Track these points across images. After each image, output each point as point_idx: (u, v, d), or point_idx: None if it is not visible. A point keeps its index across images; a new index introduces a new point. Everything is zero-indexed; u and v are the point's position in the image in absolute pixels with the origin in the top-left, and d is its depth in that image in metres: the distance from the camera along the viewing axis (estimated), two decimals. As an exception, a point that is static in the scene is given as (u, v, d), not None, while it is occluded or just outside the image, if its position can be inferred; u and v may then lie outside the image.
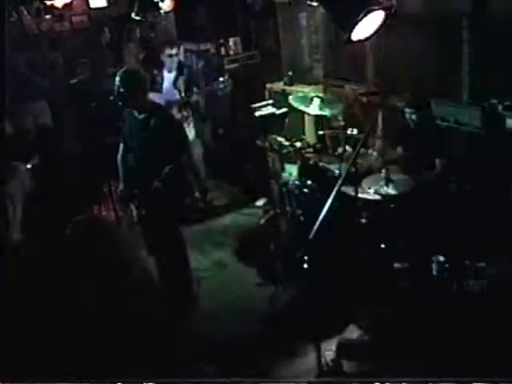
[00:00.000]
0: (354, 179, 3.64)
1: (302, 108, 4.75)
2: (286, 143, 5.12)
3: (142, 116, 3.94)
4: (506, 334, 3.15)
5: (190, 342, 3.70)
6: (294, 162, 4.86)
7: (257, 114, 5.50)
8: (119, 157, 4.24)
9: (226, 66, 6.36)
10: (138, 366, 1.95)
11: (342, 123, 4.66)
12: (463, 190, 4.10)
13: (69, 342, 2.00)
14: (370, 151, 4.57)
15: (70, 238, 2.21)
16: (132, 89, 3.82)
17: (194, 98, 5.52)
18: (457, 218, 3.79)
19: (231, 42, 6.54)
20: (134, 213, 4.03)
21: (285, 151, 5.09)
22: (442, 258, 3.73)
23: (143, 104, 3.93)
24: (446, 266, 3.70)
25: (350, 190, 3.77)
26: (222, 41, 6.61)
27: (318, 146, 5.25)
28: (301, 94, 5.01)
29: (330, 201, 2.85)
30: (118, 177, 4.26)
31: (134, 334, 2.01)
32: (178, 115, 5.41)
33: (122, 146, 4.22)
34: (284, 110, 5.47)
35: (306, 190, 4.37)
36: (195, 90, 5.50)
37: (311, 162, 4.58)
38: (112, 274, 2.14)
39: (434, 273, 3.75)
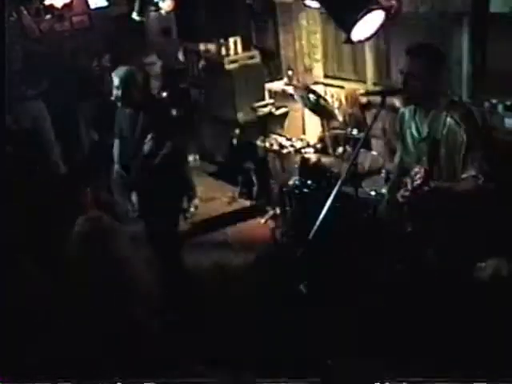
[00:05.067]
0: (354, 179, 3.64)
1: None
2: (286, 143, 5.12)
3: (132, 111, 4.04)
4: (507, 334, 3.15)
5: (189, 342, 3.70)
6: (294, 162, 4.86)
7: (257, 114, 5.50)
8: (114, 150, 4.30)
9: (226, 66, 6.36)
10: (138, 366, 1.94)
11: (342, 123, 4.66)
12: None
13: (68, 342, 2.00)
14: (369, 151, 4.57)
15: (76, 236, 2.20)
16: (128, 87, 3.92)
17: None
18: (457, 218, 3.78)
19: (231, 41, 6.54)
20: (136, 204, 4.11)
21: (285, 151, 5.10)
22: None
23: (136, 101, 4.02)
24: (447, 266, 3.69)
25: (349, 190, 3.77)
26: (222, 41, 6.61)
27: (318, 145, 5.25)
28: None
29: (329, 201, 2.84)
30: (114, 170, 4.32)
31: (134, 333, 2.01)
32: None
33: (117, 141, 4.30)
34: (284, 110, 5.48)
35: (305, 190, 4.37)
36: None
37: (311, 162, 4.57)
38: (112, 274, 2.13)
39: (435, 273, 3.75)
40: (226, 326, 4.01)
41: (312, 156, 4.81)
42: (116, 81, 3.95)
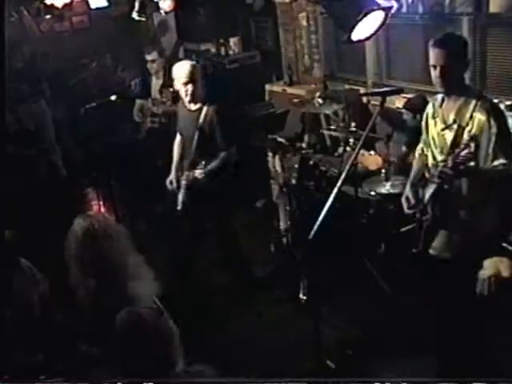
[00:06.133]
0: (354, 179, 3.64)
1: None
2: (286, 143, 5.12)
3: (195, 107, 4.04)
4: (507, 334, 3.15)
5: (189, 342, 3.70)
6: (294, 163, 4.86)
7: (257, 114, 5.50)
8: (175, 147, 4.34)
9: (226, 66, 6.36)
10: (138, 366, 1.95)
11: (342, 123, 4.66)
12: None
13: (68, 342, 2.00)
14: (369, 151, 4.57)
15: (75, 235, 2.20)
16: (193, 80, 3.93)
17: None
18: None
19: (231, 42, 6.54)
20: (180, 200, 4.15)
21: (285, 151, 5.09)
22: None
23: (198, 95, 4.02)
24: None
25: (350, 190, 3.78)
26: (222, 41, 6.61)
27: (318, 146, 5.25)
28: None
29: (330, 201, 2.84)
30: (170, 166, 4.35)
31: (133, 333, 2.01)
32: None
33: (178, 136, 4.33)
34: (284, 109, 5.48)
35: (306, 190, 4.37)
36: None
37: (311, 162, 4.58)
38: (111, 273, 2.14)
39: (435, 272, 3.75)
40: (225, 326, 4.01)
41: (312, 156, 4.81)
42: (182, 76, 3.93)
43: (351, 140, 4.46)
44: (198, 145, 4.02)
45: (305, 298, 3.17)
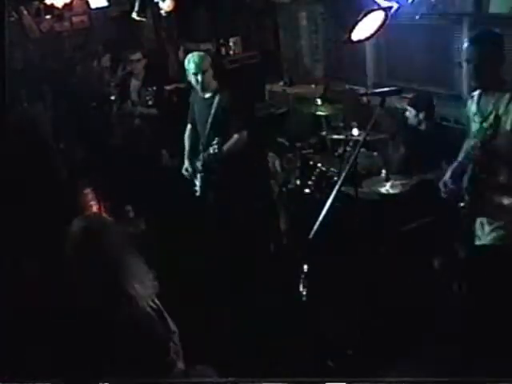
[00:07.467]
0: (354, 179, 3.63)
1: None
2: (286, 143, 5.12)
3: (208, 95, 4.22)
4: (506, 334, 3.15)
5: (189, 342, 3.70)
6: (294, 163, 4.86)
7: (257, 114, 5.51)
8: (186, 136, 4.51)
9: (227, 66, 6.36)
10: (138, 367, 1.95)
11: (342, 123, 4.66)
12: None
13: (68, 342, 2.00)
14: (370, 151, 4.57)
15: (73, 235, 2.20)
16: (203, 71, 4.10)
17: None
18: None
19: (231, 42, 6.54)
20: (198, 186, 4.36)
21: (285, 151, 5.10)
22: (441, 257, 3.73)
23: (209, 84, 4.20)
24: (447, 265, 3.70)
25: (350, 190, 3.77)
26: (221, 41, 6.61)
27: (318, 146, 5.25)
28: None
29: (329, 201, 2.84)
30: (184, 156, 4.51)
31: (133, 333, 2.01)
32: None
33: (189, 126, 4.50)
34: (284, 109, 5.49)
35: (306, 190, 4.37)
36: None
37: (311, 162, 4.57)
38: (110, 272, 2.13)
39: (435, 273, 3.75)
40: (225, 327, 4.02)
41: (312, 156, 4.81)
42: (192, 66, 4.09)
43: (351, 140, 4.46)
44: (211, 129, 4.18)
45: (305, 298, 3.17)
